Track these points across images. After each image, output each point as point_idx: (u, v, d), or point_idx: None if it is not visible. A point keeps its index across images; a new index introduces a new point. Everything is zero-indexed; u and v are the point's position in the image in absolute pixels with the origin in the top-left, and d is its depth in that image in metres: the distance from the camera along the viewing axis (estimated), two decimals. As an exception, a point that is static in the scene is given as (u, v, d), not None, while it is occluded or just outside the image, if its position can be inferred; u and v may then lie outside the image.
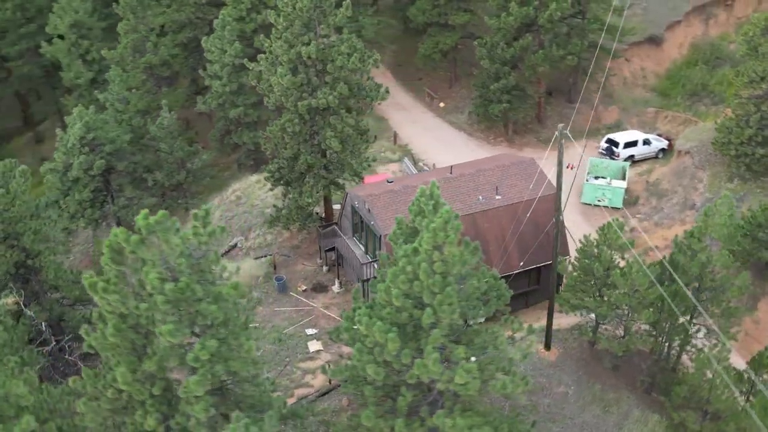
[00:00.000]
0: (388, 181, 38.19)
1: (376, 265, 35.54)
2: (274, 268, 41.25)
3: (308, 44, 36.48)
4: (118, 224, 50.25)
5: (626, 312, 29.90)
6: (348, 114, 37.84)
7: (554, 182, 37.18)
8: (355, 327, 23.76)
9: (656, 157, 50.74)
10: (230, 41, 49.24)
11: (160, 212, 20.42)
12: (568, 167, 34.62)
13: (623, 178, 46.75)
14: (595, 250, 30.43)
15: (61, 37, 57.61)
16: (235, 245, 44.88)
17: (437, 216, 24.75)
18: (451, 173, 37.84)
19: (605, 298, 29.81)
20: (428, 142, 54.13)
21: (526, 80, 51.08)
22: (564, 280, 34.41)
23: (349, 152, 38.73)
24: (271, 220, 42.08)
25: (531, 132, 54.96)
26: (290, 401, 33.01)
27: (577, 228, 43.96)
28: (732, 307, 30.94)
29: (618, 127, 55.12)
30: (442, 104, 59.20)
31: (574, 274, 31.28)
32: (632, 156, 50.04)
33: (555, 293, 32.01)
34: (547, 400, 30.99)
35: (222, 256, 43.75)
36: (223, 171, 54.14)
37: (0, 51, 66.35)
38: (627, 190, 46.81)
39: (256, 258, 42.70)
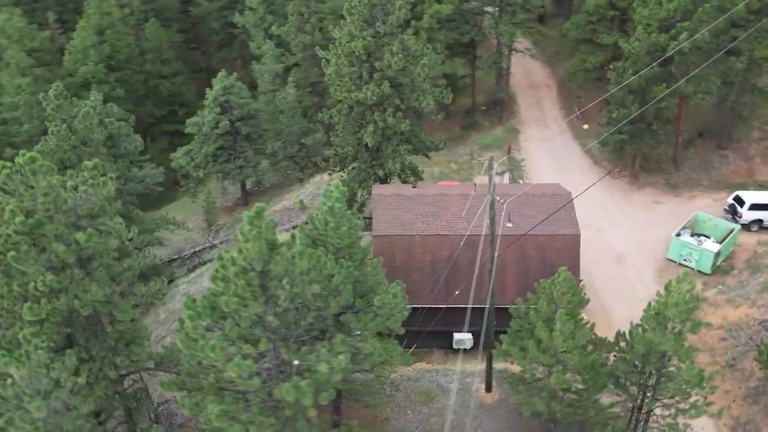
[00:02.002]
0: (413, 186, 37.81)
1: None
2: (316, 249, 43.07)
3: (363, 39, 37.40)
4: (243, 182, 55.79)
5: (540, 370, 27.04)
6: (393, 114, 37.94)
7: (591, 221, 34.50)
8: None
9: (794, 228, 43.06)
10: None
11: (30, 154, 23.50)
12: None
13: (721, 242, 40.59)
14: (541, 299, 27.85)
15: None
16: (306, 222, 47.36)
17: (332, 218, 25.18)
18: (474, 191, 36.39)
19: (528, 351, 27.23)
20: (546, 162, 51.59)
21: (654, 114, 46.15)
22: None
23: (391, 151, 38.96)
24: (329, 204, 43.80)
25: (661, 172, 49.59)
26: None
27: (642, 285, 39.49)
28: (693, 405, 26.40)
29: (772, 185, 47.55)
30: (585, 126, 55.68)
31: (519, 319, 28.87)
32: (760, 221, 42.98)
33: (493, 336, 29.79)
34: (458, 440, 29.29)
35: (287, 230, 46.90)
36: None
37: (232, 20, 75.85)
38: (724, 256, 40.61)
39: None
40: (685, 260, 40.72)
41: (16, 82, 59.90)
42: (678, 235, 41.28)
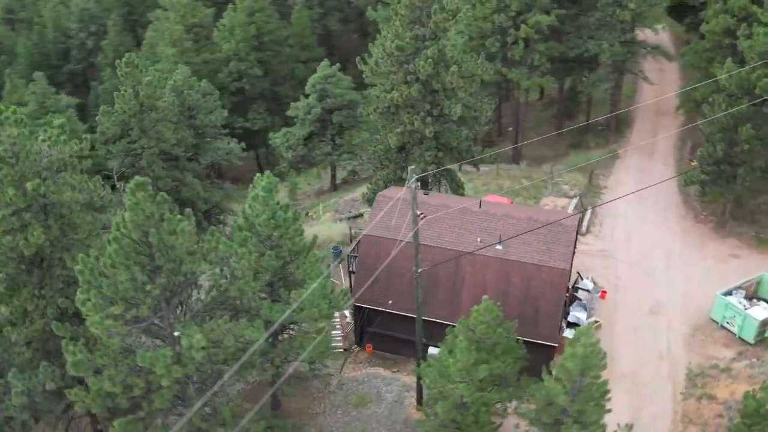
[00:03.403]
0: (425, 193, 37.07)
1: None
2: (351, 240, 43.79)
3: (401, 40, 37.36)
4: (333, 169, 57.87)
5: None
6: (423, 119, 37.50)
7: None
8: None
9: None
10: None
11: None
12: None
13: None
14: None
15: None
16: (361, 215, 48.20)
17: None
18: (480, 207, 35.05)
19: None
20: (627, 195, 47.68)
21: (742, 158, 40.96)
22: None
23: (417, 155, 38.56)
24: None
25: (754, 224, 43.95)
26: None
27: (667, 341, 35.69)
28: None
29: None
30: (694, 163, 50.65)
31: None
32: (842, 296, 36.91)
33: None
34: (369, 450, 28.79)
35: (348, 219, 48.15)
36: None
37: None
38: (775, 327, 35.47)
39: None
40: (727, 323, 36.14)
41: (167, 52, 66.47)
42: (728, 293, 36.68)
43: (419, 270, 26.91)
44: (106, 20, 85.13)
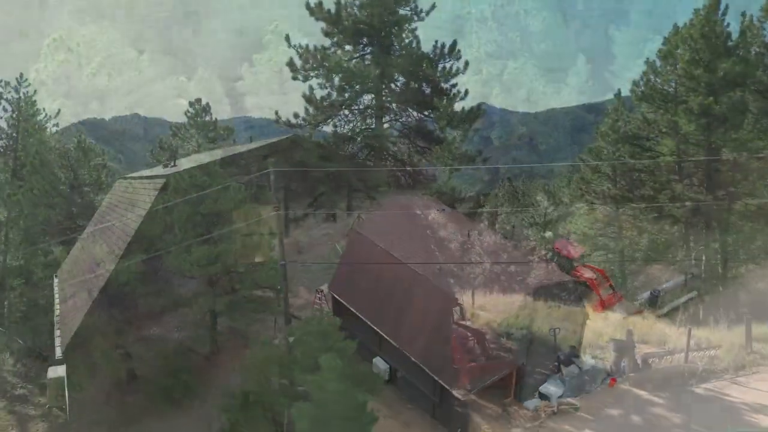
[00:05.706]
0: (440, 210, 35.53)
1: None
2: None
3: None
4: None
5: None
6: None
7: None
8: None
9: None
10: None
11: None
12: None
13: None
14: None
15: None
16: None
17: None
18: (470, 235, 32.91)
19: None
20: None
21: None
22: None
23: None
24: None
25: None
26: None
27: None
28: None
29: None
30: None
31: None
32: None
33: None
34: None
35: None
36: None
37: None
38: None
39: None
40: (741, 459, 28.90)
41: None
42: (745, 438, 29.08)
43: (283, 262, 27.36)
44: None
